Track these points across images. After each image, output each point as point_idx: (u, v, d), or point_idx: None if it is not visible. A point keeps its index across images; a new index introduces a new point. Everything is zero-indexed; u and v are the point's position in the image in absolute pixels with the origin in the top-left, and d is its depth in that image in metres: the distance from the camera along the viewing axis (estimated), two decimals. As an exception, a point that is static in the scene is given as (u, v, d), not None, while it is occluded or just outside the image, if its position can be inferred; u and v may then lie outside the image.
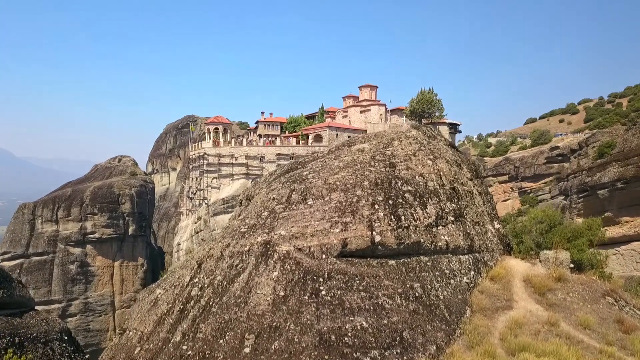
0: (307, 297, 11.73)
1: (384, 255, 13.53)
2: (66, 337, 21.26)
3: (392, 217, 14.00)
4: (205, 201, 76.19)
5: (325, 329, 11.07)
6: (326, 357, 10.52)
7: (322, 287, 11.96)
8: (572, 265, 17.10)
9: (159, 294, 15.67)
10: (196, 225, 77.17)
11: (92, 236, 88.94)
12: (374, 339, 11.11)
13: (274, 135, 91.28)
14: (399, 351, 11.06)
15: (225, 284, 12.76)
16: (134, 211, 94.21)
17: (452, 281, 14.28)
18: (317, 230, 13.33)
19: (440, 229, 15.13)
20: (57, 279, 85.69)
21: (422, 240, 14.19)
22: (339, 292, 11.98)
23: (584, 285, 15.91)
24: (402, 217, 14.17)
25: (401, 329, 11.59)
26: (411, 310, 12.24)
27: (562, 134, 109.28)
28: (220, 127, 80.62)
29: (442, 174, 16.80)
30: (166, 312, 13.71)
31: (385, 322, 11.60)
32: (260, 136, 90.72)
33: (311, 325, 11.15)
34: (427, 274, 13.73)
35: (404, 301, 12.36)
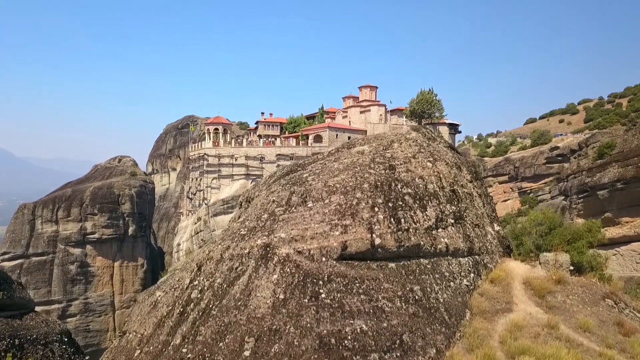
0: (306, 300, 11.72)
1: (384, 258, 13.52)
2: (66, 339, 21.25)
3: (392, 219, 14.00)
4: (205, 202, 76.27)
5: (325, 332, 11.07)
6: (326, 360, 10.53)
7: (321, 290, 11.95)
8: (571, 267, 17.09)
9: (159, 296, 15.68)
10: (196, 225, 77.23)
11: (92, 236, 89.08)
12: (373, 342, 11.10)
13: (274, 135, 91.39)
14: (398, 354, 11.05)
15: (225, 286, 12.75)
16: (134, 211, 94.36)
17: (452, 284, 14.28)
18: (317, 233, 13.32)
19: (440, 231, 15.13)
20: (57, 279, 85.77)
21: (422, 242, 14.19)
22: (339, 295, 11.97)
23: (583, 287, 15.90)
24: (402, 220, 14.17)
25: (401, 332, 11.58)
26: (411, 313, 12.24)
27: (562, 134, 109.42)
28: (220, 128, 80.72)
29: (442, 176, 16.79)
30: (166, 314, 13.71)
31: (385, 325, 11.60)
32: (260, 136, 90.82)
33: (311, 328, 11.14)
34: (427, 276, 13.73)
35: (403, 304, 12.36)
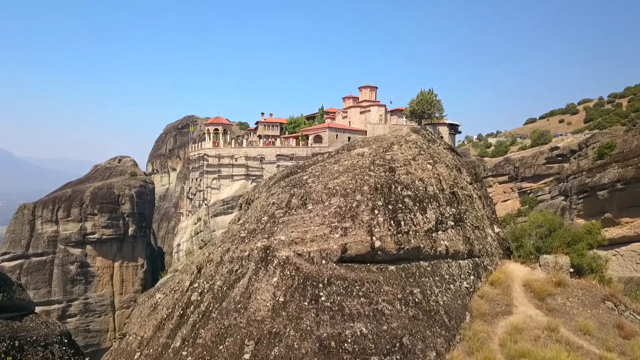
0: (306, 303, 11.72)
1: (384, 260, 13.51)
2: (66, 340, 21.23)
3: (392, 222, 13.99)
4: (205, 202, 76.27)
5: (325, 335, 11.06)
6: (326, 363, 10.53)
7: (321, 293, 11.95)
8: (571, 269, 17.09)
9: (159, 298, 15.68)
10: (196, 226, 77.24)
11: (92, 237, 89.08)
12: (373, 345, 11.10)
13: (274, 135, 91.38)
14: (398, 357, 11.05)
15: (225, 289, 12.75)
16: (134, 212, 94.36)
17: (451, 286, 14.27)
18: (316, 235, 13.31)
19: (440, 233, 15.12)
20: (57, 279, 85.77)
21: (421, 245, 14.18)
22: (339, 297, 11.96)
23: (583, 290, 15.89)
24: (402, 222, 14.16)
25: (401, 334, 11.58)
26: (411, 315, 12.23)
27: (562, 134, 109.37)
28: (220, 128, 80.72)
29: (441, 178, 16.78)
30: (166, 317, 13.71)
31: (385, 328, 11.59)
32: (260, 137, 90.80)
33: (311, 331, 11.14)
34: (427, 279, 13.72)
35: (403, 307, 12.36)
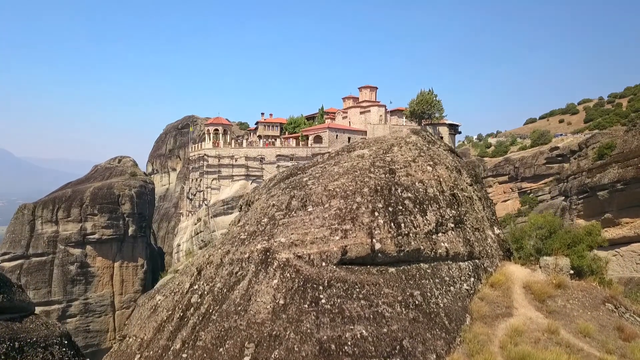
0: (307, 305, 11.71)
1: (384, 262, 13.50)
2: (66, 341, 21.18)
3: (392, 224, 13.98)
4: (205, 202, 76.27)
5: (325, 337, 11.05)
6: (326, 366, 10.52)
7: (322, 295, 11.93)
8: (572, 271, 17.08)
9: (159, 300, 15.66)
10: (196, 226, 77.25)
11: (92, 237, 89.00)
12: (373, 348, 11.09)
13: (274, 136, 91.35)
14: (398, 360, 11.05)
15: (225, 291, 12.74)
16: (134, 212, 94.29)
17: (452, 288, 14.26)
18: (316, 237, 13.29)
19: (440, 235, 15.10)
20: (57, 279, 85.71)
21: (422, 247, 14.16)
22: (339, 300, 11.95)
23: (584, 291, 15.88)
24: (402, 225, 14.15)
25: (401, 337, 11.56)
26: (411, 318, 12.22)
27: (562, 135, 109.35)
28: (220, 128, 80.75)
29: (442, 180, 16.77)
30: (166, 319, 13.70)
31: (385, 330, 11.58)
32: (260, 137, 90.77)
33: (311, 334, 11.13)
34: (427, 281, 13.71)
35: (403, 309, 12.34)
